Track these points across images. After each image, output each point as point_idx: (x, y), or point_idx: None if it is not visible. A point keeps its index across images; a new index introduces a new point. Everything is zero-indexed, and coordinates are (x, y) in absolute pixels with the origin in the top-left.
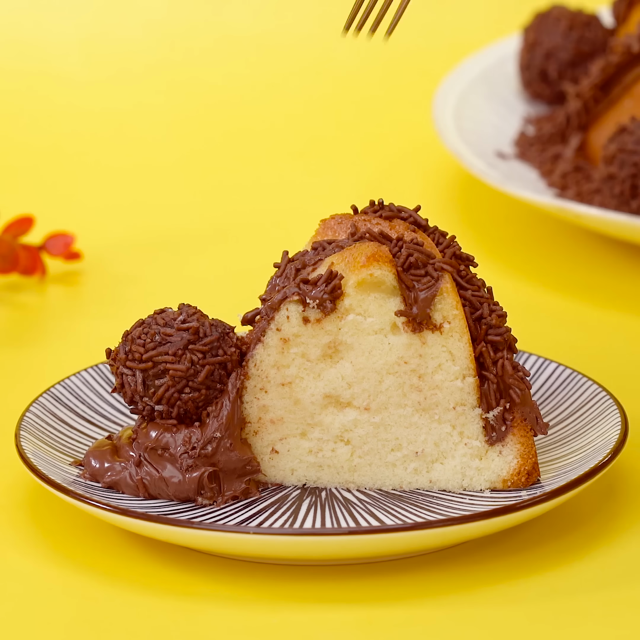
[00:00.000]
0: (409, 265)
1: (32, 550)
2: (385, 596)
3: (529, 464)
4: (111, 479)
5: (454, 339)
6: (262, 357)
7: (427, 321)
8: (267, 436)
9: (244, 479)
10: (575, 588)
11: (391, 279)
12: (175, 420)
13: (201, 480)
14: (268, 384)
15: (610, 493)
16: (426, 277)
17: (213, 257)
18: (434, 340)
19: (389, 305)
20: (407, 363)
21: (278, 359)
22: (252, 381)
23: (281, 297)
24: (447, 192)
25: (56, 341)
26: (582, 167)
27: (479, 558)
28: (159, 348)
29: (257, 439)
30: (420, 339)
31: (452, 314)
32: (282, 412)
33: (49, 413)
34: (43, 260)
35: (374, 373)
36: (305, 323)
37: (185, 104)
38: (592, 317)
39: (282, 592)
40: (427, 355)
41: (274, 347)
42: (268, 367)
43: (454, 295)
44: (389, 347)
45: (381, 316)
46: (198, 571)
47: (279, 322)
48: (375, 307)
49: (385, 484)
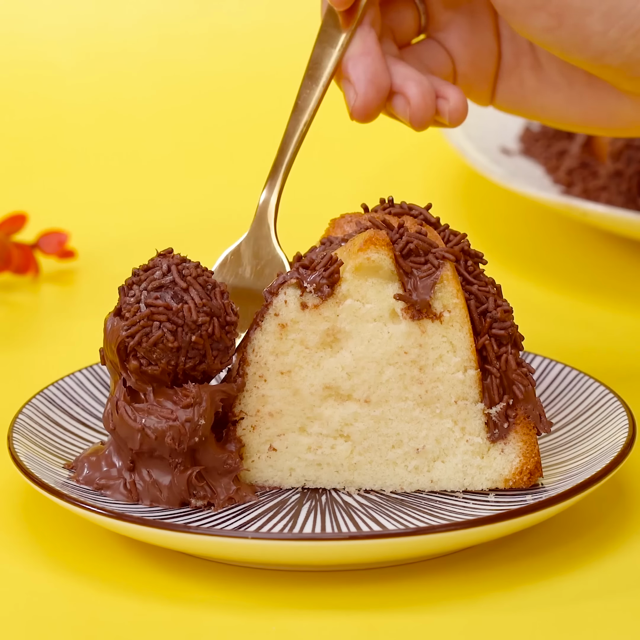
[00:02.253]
0: (409, 251)
1: (25, 555)
2: (387, 603)
3: (531, 463)
4: (103, 483)
5: (454, 328)
6: (261, 343)
7: (427, 309)
8: (265, 431)
9: (230, 477)
10: (581, 595)
11: (388, 263)
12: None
13: (190, 479)
14: (267, 372)
15: (617, 497)
16: (427, 265)
17: (212, 257)
18: (434, 330)
19: (387, 291)
20: (407, 353)
21: (276, 345)
22: (252, 368)
23: (280, 282)
24: (450, 188)
25: (50, 342)
26: (589, 164)
27: (482, 564)
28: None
29: (255, 435)
30: (419, 327)
31: (452, 303)
32: (281, 403)
33: (42, 415)
34: (36, 259)
35: (374, 363)
36: (303, 308)
37: (184, 100)
38: (598, 317)
39: (281, 598)
40: (427, 346)
41: (272, 332)
42: (267, 353)
43: (455, 284)
44: (388, 336)
45: (379, 302)
46: (195, 577)
47: (277, 307)
48: (373, 292)
49: (386, 483)
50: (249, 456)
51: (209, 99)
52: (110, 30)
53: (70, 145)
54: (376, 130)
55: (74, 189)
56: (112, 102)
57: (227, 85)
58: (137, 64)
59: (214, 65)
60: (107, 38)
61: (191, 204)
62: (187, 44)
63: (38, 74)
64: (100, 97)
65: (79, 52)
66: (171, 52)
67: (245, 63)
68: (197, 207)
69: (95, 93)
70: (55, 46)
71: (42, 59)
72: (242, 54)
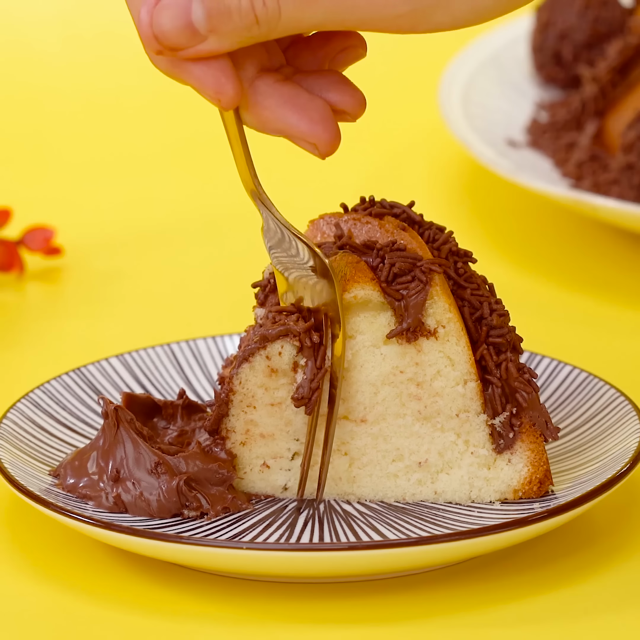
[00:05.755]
0: (394, 276)
1: (8, 566)
2: (388, 616)
3: (540, 472)
4: (86, 493)
5: (450, 343)
6: (248, 377)
7: (421, 328)
8: (256, 449)
9: (225, 486)
10: (593, 608)
11: (376, 296)
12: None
13: (179, 488)
14: (255, 402)
15: (629, 505)
16: (414, 282)
17: (202, 254)
18: (430, 347)
19: (380, 321)
20: (403, 372)
21: (265, 382)
22: (238, 396)
23: (281, 331)
24: (454, 182)
25: (35, 342)
26: (599, 156)
27: (487, 575)
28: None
29: (245, 450)
30: (415, 347)
31: (445, 318)
32: (273, 429)
33: (27, 420)
34: (21, 256)
35: (369, 385)
36: (294, 368)
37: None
38: (609, 316)
39: (277, 611)
40: (424, 363)
41: (261, 371)
42: (254, 387)
43: (446, 298)
44: (381, 358)
45: (373, 332)
46: (187, 589)
47: (270, 353)
48: (366, 324)
49: (387, 495)
50: (241, 468)
51: None
52: (97, 9)
53: (56, 137)
54: (378, 123)
55: (60, 183)
56: (100, 92)
57: None
58: (126, 49)
59: None
60: (93, 19)
61: (181, 200)
62: None
63: (19, 59)
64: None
65: (63, 35)
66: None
67: None
68: (187, 204)
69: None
70: (36, 27)
71: (22, 43)
72: None
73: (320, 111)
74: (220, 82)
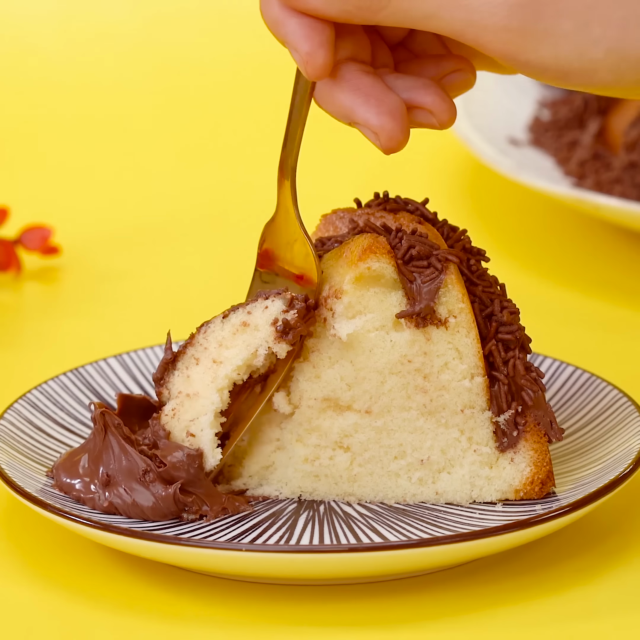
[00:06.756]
0: (410, 257)
1: (6, 568)
2: (388, 618)
3: (542, 472)
4: (79, 496)
5: (460, 334)
6: (215, 329)
7: (432, 315)
8: (183, 414)
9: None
10: (595, 611)
11: (391, 271)
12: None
13: (176, 497)
14: (202, 354)
15: (632, 507)
16: (429, 269)
17: (200, 254)
18: (440, 337)
19: (390, 300)
20: (411, 362)
21: (226, 338)
22: (191, 350)
23: (276, 292)
24: (455, 181)
25: (32, 343)
26: (601, 155)
27: (489, 577)
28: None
29: (175, 422)
30: (424, 334)
31: (458, 308)
32: (200, 386)
33: (24, 420)
34: (18, 255)
35: (376, 373)
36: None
37: (172, 87)
38: (612, 316)
39: (277, 614)
40: (433, 353)
41: (231, 325)
42: (214, 340)
43: (460, 288)
44: (391, 345)
45: (382, 312)
46: (186, 591)
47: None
48: (375, 302)
49: (388, 495)
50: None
51: (202, 84)
52: (98, 7)
53: (53, 136)
54: None
55: (58, 182)
56: (98, 91)
57: (223, 69)
58: (125, 47)
59: (209, 47)
60: (94, 16)
61: (179, 200)
62: (181, 23)
63: (18, 58)
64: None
65: (63, 33)
66: (163, 33)
67: (243, 43)
68: (185, 203)
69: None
70: (35, 27)
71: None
72: (239, 33)
73: (391, 105)
74: (315, 46)
